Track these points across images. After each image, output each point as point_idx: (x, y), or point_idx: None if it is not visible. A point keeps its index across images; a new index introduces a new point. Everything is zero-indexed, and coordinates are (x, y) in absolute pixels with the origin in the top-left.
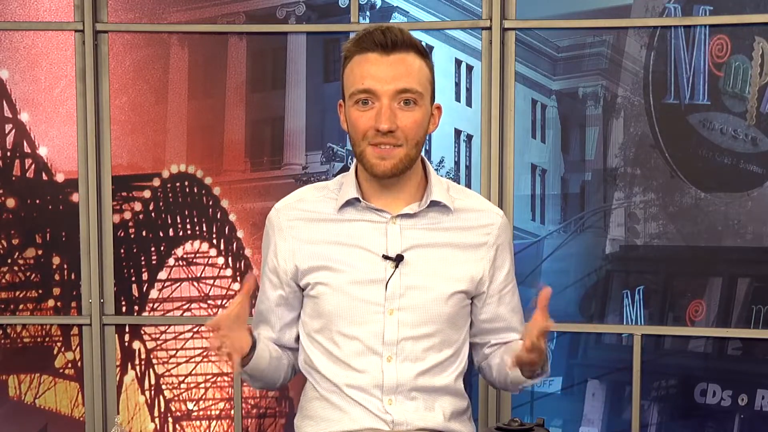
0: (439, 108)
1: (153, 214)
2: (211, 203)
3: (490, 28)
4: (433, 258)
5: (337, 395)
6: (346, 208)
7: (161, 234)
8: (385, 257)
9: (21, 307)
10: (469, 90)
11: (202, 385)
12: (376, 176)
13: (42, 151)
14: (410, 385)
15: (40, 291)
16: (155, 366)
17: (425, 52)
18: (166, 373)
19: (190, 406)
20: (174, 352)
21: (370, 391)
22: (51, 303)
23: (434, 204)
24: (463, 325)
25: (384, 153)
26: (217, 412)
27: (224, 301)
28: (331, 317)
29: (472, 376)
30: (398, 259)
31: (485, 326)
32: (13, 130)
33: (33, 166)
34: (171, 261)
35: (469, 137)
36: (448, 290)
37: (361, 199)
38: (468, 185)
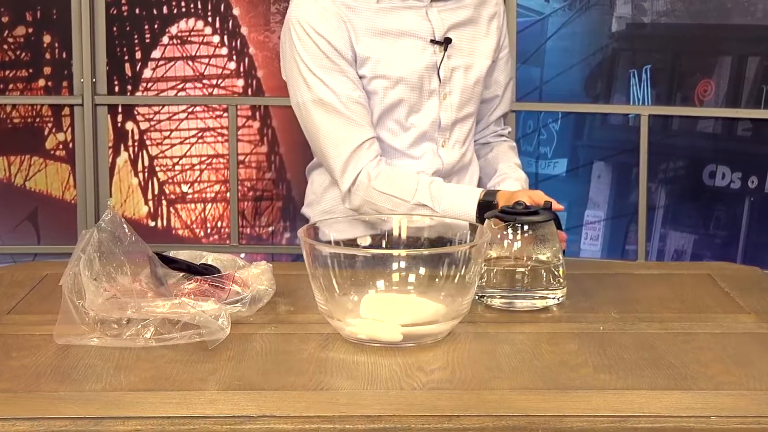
0: None
1: None
2: None
3: None
4: (467, 36)
5: None
6: None
7: (155, 11)
8: (433, 42)
9: (11, 86)
10: None
11: (197, 167)
12: None
13: None
14: (457, 166)
15: (31, 70)
16: (149, 147)
17: None
18: (160, 155)
19: (184, 188)
20: (168, 132)
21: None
22: (42, 82)
23: None
24: None
25: None
26: (213, 194)
27: (219, 80)
28: (390, 109)
29: None
30: (447, 42)
31: (482, 95)
32: None
33: None
34: (165, 39)
35: None
36: (484, 66)
37: None
38: None
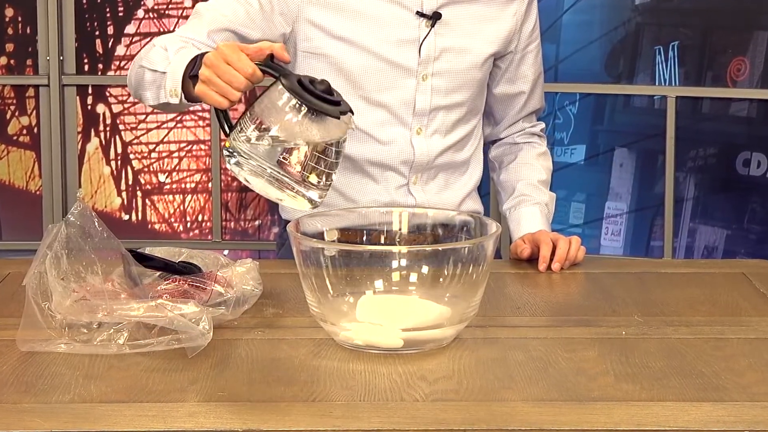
0: None
1: None
2: None
3: None
4: (467, 16)
5: (348, 173)
6: None
7: None
8: (420, 14)
9: None
10: None
11: (176, 154)
12: None
13: None
14: (438, 161)
15: None
16: (122, 132)
17: None
18: (135, 141)
19: (161, 178)
20: (143, 116)
21: (397, 167)
22: (3, 61)
23: None
24: (485, 91)
25: None
26: (193, 185)
27: None
28: (353, 81)
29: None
30: (435, 17)
31: (505, 90)
32: None
33: None
34: (140, 12)
35: None
36: (484, 53)
37: None
38: None
